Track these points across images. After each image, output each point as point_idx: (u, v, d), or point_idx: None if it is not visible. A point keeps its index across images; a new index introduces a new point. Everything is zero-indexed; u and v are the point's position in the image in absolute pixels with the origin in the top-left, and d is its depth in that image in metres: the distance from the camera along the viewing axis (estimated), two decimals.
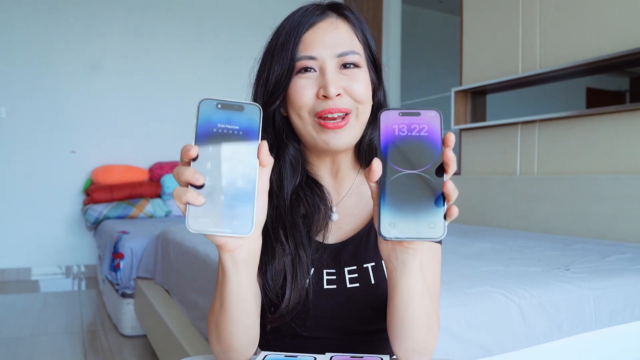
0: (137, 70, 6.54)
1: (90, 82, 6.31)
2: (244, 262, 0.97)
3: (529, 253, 2.82)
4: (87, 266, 6.22)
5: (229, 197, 0.86)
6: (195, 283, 2.66)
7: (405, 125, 0.87)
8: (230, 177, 0.87)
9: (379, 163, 0.85)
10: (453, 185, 0.84)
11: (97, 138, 6.32)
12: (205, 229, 0.85)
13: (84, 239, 6.23)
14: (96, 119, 6.31)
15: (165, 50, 6.68)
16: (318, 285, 1.22)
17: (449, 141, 0.85)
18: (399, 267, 0.97)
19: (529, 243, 3.22)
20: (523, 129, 4.47)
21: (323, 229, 1.25)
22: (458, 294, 1.86)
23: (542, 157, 4.30)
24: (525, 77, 4.36)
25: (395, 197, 0.85)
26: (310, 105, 1.18)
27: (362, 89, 1.19)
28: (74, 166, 6.20)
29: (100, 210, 5.71)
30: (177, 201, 0.86)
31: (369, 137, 1.29)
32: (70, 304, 4.98)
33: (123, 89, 6.46)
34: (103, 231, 5.28)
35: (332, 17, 1.23)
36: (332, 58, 1.18)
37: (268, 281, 1.18)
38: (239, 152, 0.87)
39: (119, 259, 4.16)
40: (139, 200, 5.94)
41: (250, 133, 0.88)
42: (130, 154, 6.44)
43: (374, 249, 1.25)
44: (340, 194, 1.32)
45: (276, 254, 1.19)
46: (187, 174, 0.85)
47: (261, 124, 0.88)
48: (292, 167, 1.27)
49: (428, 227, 0.83)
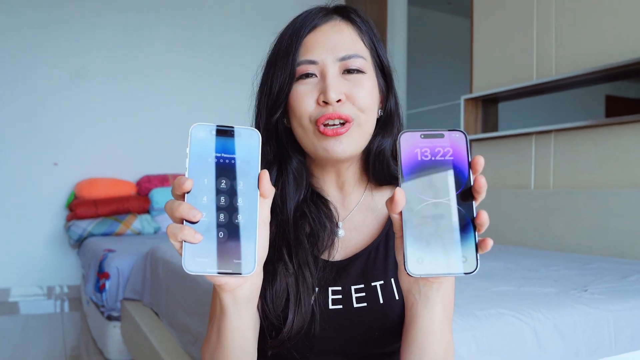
0: (125, 76, 6.51)
1: (73, 88, 6.27)
2: (245, 300, 0.97)
3: (543, 272, 2.83)
4: (70, 286, 6.20)
5: (228, 234, 0.84)
6: (187, 305, 2.67)
7: (428, 148, 0.85)
8: (228, 212, 0.85)
9: (402, 193, 0.83)
10: (486, 214, 0.82)
11: (81, 149, 6.29)
12: (203, 270, 0.84)
13: (67, 258, 6.21)
14: (80, 128, 6.28)
15: (156, 54, 6.66)
16: (323, 305, 1.21)
17: (478, 165, 0.84)
18: (420, 300, 0.97)
19: (543, 262, 3.22)
20: (537, 140, 4.48)
21: (329, 248, 1.24)
22: (468, 316, 1.87)
23: (558, 170, 4.31)
24: (540, 84, 4.37)
25: (421, 229, 0.83)
26: (311, 113, 1.18)
27: (365, 95, 1.19)
28: (55, 179, 6.18)
29: (85, 227, 5.70)
30: (171, 239, 0.84)
31: (377, 147, 1.29)
32: (52, 327, 4.98)
33: (109, 95, 6.43)
34: (87, 249, 5.27)
35: (336, 19, 1.23)
36: (334, 62, 1.18)
37: (268, 304, 1.17)
38: (238, 183, 0.86)
39: (104, 279, 4.16)
40: (126, 216, 5.94)
41: (249, 162, 0.87)
42: (116, 166, 6.42)
43: (383, 266, 1.25)
44: (347, 209, 1.32)
45: (278, 274, 1.18)
46: (182, 209, 0.83)
47: (260, 150, 0.87)
48: (296, 182, 1.28)
49: (459, 261, 0.82)
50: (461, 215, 0.83)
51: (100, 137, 6.37)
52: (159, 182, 6.28)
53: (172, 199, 0.86)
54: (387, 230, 1.29)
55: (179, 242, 0.84)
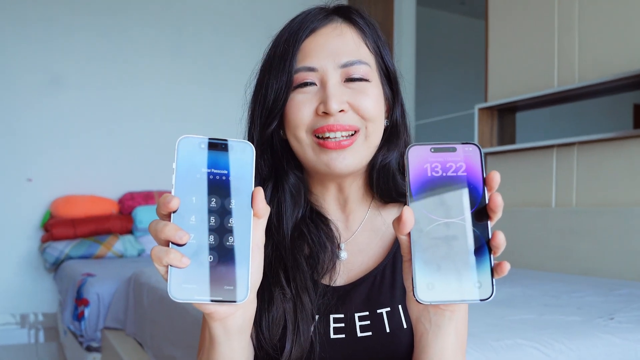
0: (106, 83, 6.51)
1: (49, 97, 6.27)
2: (238, 330, 0.95)
3: (566, 299, 2.83)
4: (45, 314, 6.19)
5: (219, 258, 0.83)
6: (174, 336, 2.67)
7: (439, 163, 0.84)
8: (219, 233, 0.84)
9: (410, 212, 0.82)
10: (503, 235, 0.81)
11: (58, 164, 6.29)
12: (191, 297, 0.82)
13: (42, 283, 6.19)
14: (56, 141, 6.28)
15: (139, 60, 6.67)
16: (324, 334, 1.20)
17: (494, 182, 0.83)
18: (431, 330, 0.95)
19: (566, 287, 3.23)
20: (559, 153, 4.49)
21: (330, 271, 1.24)
22: (483, 347, 1.87)
23: (581, 186, 4.31)
24: (562, 92, 4.38)
25: (432, 252, 0.82)
26: (308, 124, 1.18)
27: (371, 104, 1.18)
28: (30, 197, 6.17)
29: (62, 249, 5.69)
30: (156, 264, 0.83)
31: (382, 160, 1.28)
32: (27, 359, 4.97)
33: (89, 105, 6.43)
34: (65, 273, 5.28)
35: (337, 22, 1.23)
36: (335, 69, 1.18)
37: (264, 332, 1.16)
38: (229, 202, 0.84)
39: (83, 306, 4.16)
40: (107, 237, 5.93)
41: (242, 178, 0.86)
42: (96, 182, 6.41)
43: (389, 292, 1.24)
44: (350, 229, 1.31)
45: (274, 300, 1.17)
46: (168, 230, 0.82)
47: (254, 166, 0.86)
48: (293, 199, 1.27)
49: (473, 287, 0.81)
50: (475, 237, 0.82)
51: (78, 150, 6.37)
52: (142, 200, 6.28)
53: (156, 219, 0.85)
54: (394, 252, 1.28)
55: (164, 267, 0.83)
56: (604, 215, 4.04)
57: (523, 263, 4.61)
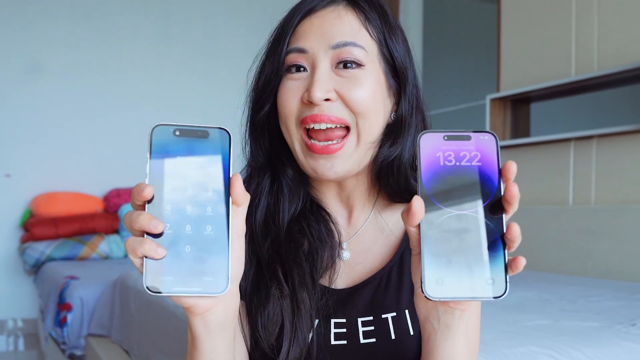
0: (90, 71, 6.50)
1: (27, 86, 6.27)
2: (219, 326, 0.94)
3: (584, 304, 2.84)
4: (25, 320, 6.18)
5: (197, 248, 0.84)
6: (163, 343, 2.68)
7: (453, 152, 0.84)
8: (196, 223, 0.84)
9: (421, 202, 0.82)
10: (518, 228, 0.81)
11: (38, 158, 6.29)
12: (168, 289, 0.83)
13: (22, 286, 6.20)
14: (36, 133, 6.28)
15: (124, 46, 6.66)
16: (324, 339, 1.20)
17: (510, 172, 0.83)
18: (440, 330, 0.94)
19: (584, 291, 3.23)
20: (577, 147, 4.49)
21: (329, 270, 1.23)
22: (495, 355, 1.87)
23: (600, 183, 4.31)
24: (580, 82, 4.38)
25: (443, 245, 0.82)
26: (296, 114, 1.18)
27: (362, 95, 1.17)
28: (8, 194, 6.18)
29: (42, 250, 5.69)
30: (131, 255, 0.84)
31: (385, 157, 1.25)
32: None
33: (71, 94, 6.42)
34: (46, 276, 5.27)
35: (339, 4, 1.22)
36: (326, 51, 1.17)
37: (260, 330, 1.16)
38: (206, 190, 0.85)
39: (65, 312, 4.16)
40: (91, 237, 5.94)
41: (219, 165, 0.86)
42: (79, 178, 6.41)
43: (395, 295, 1.24)
44: (354, 227, 1.31)
45: (271, 297, 1.17)
46: (142, 220, 0.82)
47: (232, 152, 0.87)
48: (291, 192, 1.27)
49: (485, 284, 0.81)
50: (489, 230, 0.82)
51: (60, 143, 6.37)
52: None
53: (131, 210, 0.86)
54: (402, 252, 1.27)
55: (139, 259, 0.83)
56: (625, 213, 4.04)
57: (538, 265, 4.60)
